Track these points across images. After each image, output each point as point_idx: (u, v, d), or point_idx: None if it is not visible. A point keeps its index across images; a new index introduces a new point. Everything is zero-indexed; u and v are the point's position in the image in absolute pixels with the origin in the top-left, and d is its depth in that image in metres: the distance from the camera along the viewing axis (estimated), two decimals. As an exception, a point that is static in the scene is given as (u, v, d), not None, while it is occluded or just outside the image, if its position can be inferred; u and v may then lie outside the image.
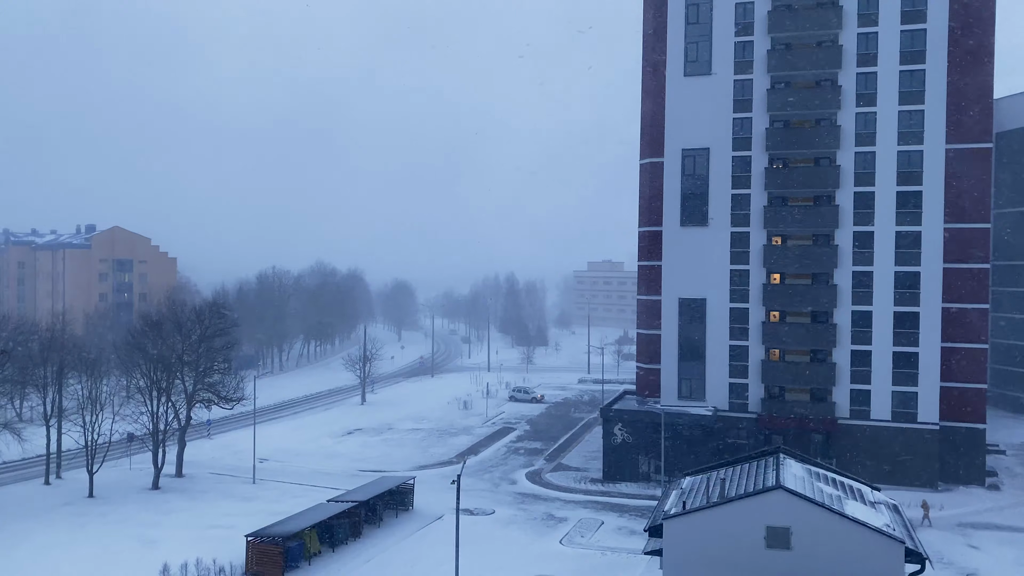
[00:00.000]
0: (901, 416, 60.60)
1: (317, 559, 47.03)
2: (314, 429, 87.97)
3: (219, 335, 72.35)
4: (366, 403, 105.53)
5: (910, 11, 60.39)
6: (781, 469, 34.27)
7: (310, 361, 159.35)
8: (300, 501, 56.33)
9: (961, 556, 46.62)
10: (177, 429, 66.06)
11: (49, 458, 64.66)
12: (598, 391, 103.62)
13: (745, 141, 63.80)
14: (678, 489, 37.32)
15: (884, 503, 35.20)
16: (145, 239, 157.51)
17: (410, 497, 57.07)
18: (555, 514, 55.67)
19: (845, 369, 61.86)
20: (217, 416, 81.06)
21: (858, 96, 61.75)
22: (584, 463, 70.14)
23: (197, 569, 44.16)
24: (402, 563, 46.32)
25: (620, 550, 47.78)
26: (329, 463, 71.84)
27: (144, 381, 64.64)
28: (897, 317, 60.82)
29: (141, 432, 64.30)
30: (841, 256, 61.83)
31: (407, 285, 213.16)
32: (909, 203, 60.62)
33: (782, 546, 31.22)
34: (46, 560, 46.71)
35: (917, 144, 60.45)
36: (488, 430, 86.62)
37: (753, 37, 63.60)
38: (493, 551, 47.25)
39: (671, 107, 65.48)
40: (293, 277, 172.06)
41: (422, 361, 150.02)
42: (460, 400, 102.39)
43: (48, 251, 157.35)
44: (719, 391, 64.45)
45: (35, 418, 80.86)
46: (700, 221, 64.69)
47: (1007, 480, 62.78)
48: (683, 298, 65.28)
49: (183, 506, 57.42)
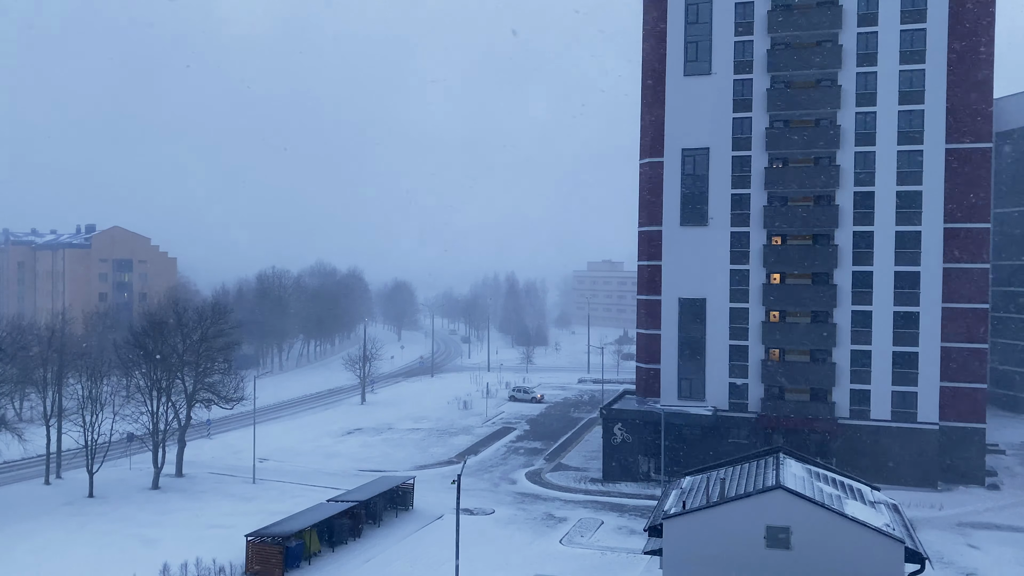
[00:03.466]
0: (901, 416, 60.62)
1: (317, 559, 47.05)
2: (314, 429, 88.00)
3: (219, 335, 72.38)
4: (366, 403, 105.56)
5: (910, 11, 60.39)
6: (781, 469, 34.28)
7: (310, 361, 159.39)
8: (300, 501, 56.35)
9: (961, 556, 46.63)
10: (177, 429, 66.09)
11: (49, 458, 64.68)
12: (598, 391, 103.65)
13: (745, 141, 63.80)
14: (678, 489, 37.33)
15: (884, 503, 35.20)
16: (145, 239, 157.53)
17: (410, 497, 57.10)
18: (555, 514, 55.68)
19: (845, 369, 61.87)
20: (217, 416, 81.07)
21: (858, 96, 61.74)
22: (584, 463, 70.16)
23: (197, 569, 44.18)
24: (402, 563, 46.33)
25: (620, 550, 47.80)
26: (329, 463, 71.86)
27: (144, 381, 64.67)
28: (897, 317, 60.85)
29: (141, 432, 64.33)
30: (841, 256, 61.84)
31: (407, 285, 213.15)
32: (909, 203, 60.63)
33: (782, 546, 31.23)
34: (46, 560, 46.74)
35: (917, 144, 60.46)
36: (488, 430, 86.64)
37: (753, 37, 63.61)
38: (493, 551, 47.28)
39: (671, 107, 65.49)
40: (293, 277, 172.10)
41: (422, 361, 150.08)
42: (460, 400, 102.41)
43: (48, 251, 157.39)
44: (719, 391, 64.46)
45: (35, 418, 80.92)
46: (700, 221, 64.70)
47: (1007, 480, 62.79)
48: (683, 298, 65.29)
49: (183, 506, 57.43)
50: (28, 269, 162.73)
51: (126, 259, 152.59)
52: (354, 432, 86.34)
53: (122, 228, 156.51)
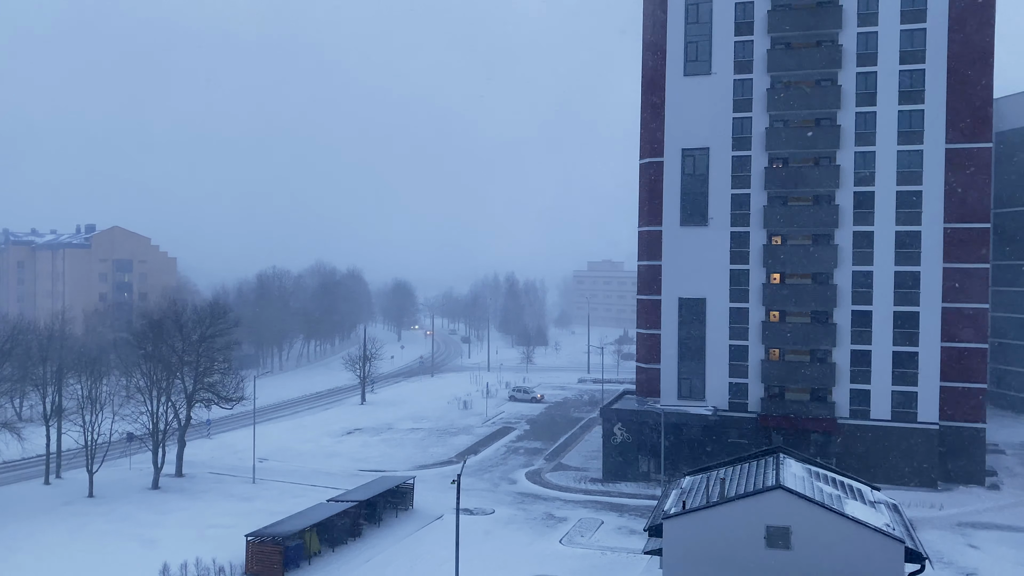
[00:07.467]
0: (901, 416, 60.61)
1: (317, 559, 47.05)
2: (314, 429, 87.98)
3: (219, 335, 72.35)
4: (366, 403, 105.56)
5: (910, 11, 60.38)
6: (781, 469, 34.26)
7: (310, 361, 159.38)
8: (300, 501, 56.34)
9: (961, 556, 46.63)
10: (177, 429, 66.07)
11: (49, 458, 64.67)
12: (598, 391, 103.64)
13: (745, 141, 63.80)
14: (678, 489, 37.32)
15: (884, 503, 35.19)
16: (145, 239, 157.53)
17: (410, 497, 57.09)
18: (555, 514, 55.68)
19: (845, 369, 61.86)
20: (217, 416, 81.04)
21: (858, 96, 61.74)
22: (584, 463, 70.15)
23: (197, 569, 44.18)
24: (402, 563, 46.33)
25: (620, 550, 47.80)
26: (329, 463, 71.84)
27: (144, 381, 64.62)
28: (897, 317, 60.83)
29: (141, 432, 64.28)
30: (841, 256, 61.83)
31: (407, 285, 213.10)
32: (909, 203, 60.62)
33: (782, 546, 31.22)
34: (46, 560, 46.74)
35: (917, 144, 60.45)
36: (488, 430, 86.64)
37: (753, 37, 63.60)
38: (493, 551, 47.28)
39: (671, 107, 65.49)
40: (293, 277, 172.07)
41: (422, 361, 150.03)
42: (460, 400, 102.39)
43: (48, 251, 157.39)
44: (719, 391, 64.46)
45: (35, 418, 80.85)
46: (700, 221, 64.69)
47: (1007, 480, 62.78)
48: (683, 298, 65.29)
49: (183, 506, 57.43)
50: (28, 269, 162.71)
51: (126, 259, 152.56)
52: (354, 432, 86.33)
53: (122, 228, 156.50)
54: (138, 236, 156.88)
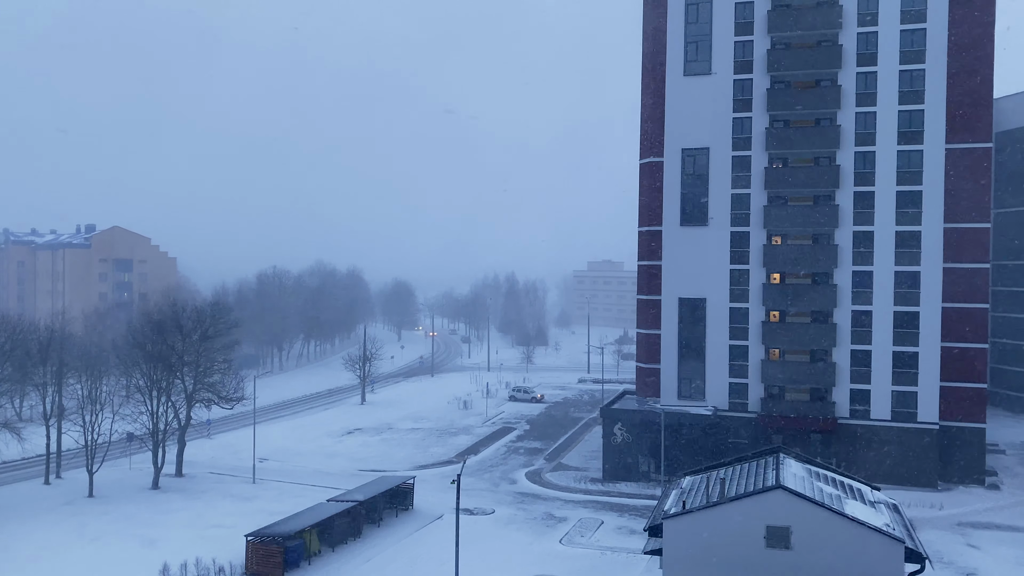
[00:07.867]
0: (901, 416, 60.60)
1: (317, 559, 47.04)
2: (314, 429, 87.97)
3: (219, 335, 72.31)
4: (366, 403, 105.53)
5: (910, 11, 60.37)
6: (781, 469, 34.27)
7: (310, 361, 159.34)
8: (300, 501, 56.32)
9: (961, 556, 46.63)
10: (177, 429, 66.05)
11: (49, 458, 64.64)
12: (598, 391, 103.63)
13: (745, 141, 63.79)
14: (678, 489, 37.32)
15: (884, 503, 35.19)
16: (145, 239, 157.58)
17: (410, 497, 57.07)
18: (555, 514, 55.67)
19: (845, 369, 61.86)
20: (217, 416, 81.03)
21: (858, 96, 61.73)
22: (584, 463, 70.14)
23: (197, 569, 44.18)
24: (402, 563, 46.33)
25: (620, 550, 47.79)
26: (329, 463, 71.84)
27: (144, 381, 64.61)
28: (897, 317, 60.83)
29: (141, 432, 64.27)
30: (841, 256, 61.82)
31: (407, 285, 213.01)
32: (909, 203, 60.62)
33: (782, 546, 31.22)
34: (46, 560, 46.74)
35: (917, 144, 60.44)
36: (488, 430, 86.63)
37: (753, 37, 63.59)
38: (493, 551, 47.25)
39: (671, 107, 65.48)
40: (293, 277, 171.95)
41: (422, 361, 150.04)
42: (460, 400, 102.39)
43: (48, 251, 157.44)
44: (719, 391, 64.45)
45: (35, 418, 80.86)
46: (700, 221, 64.69)
47: (1007, 480, 62.77)
48: (683, 298, 65.28)
49: (183, 506, 57.41)
50: (28, 269, 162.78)
51: (126, 259, 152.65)
52: (354, 432, 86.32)
53: (122, 228, 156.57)
54: (138, 236, 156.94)
